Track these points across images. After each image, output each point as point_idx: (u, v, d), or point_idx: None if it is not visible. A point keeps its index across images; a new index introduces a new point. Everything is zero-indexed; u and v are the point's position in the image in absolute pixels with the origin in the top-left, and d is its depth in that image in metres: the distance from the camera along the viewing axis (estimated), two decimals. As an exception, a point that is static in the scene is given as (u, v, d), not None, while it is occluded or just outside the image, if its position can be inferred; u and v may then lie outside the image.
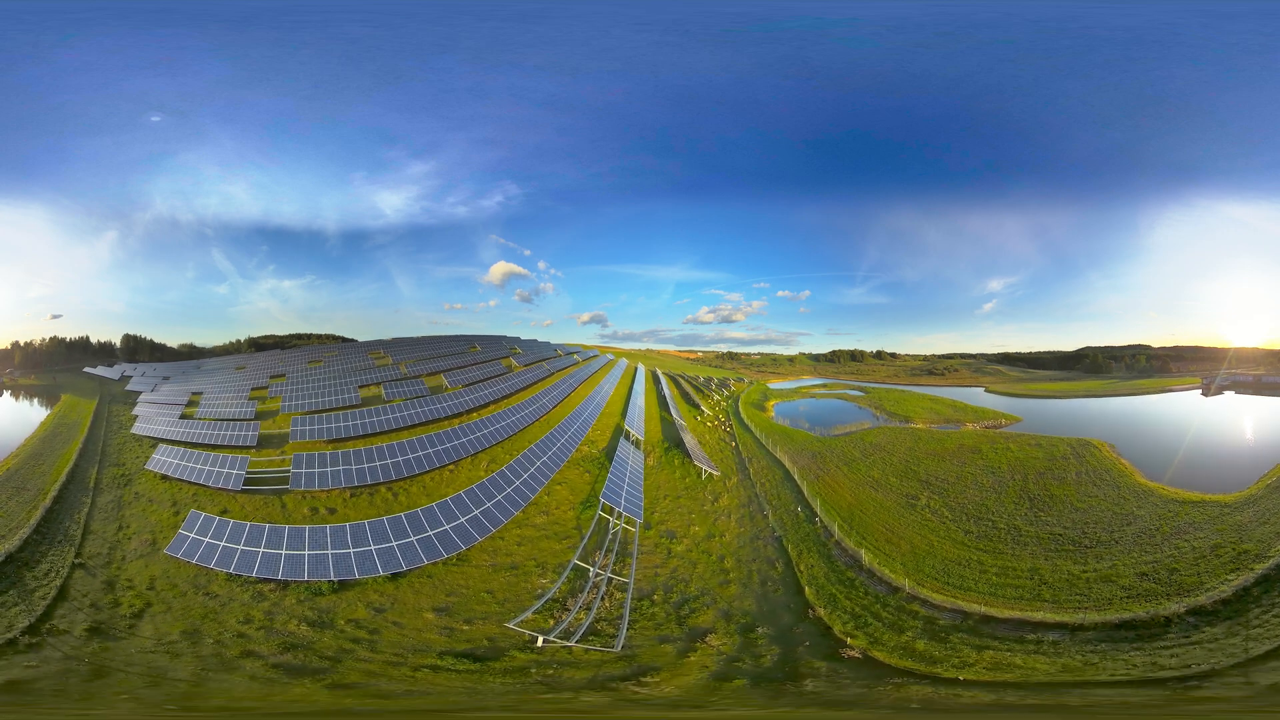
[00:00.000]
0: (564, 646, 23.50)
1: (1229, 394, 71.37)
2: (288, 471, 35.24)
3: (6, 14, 59.30)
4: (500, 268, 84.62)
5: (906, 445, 55.94)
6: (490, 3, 61.21)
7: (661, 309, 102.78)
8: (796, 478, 48.41)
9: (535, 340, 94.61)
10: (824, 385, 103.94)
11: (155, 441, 45.18)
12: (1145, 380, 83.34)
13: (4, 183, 62.94)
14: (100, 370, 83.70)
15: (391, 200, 76.44)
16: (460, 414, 55.33)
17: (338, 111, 66.14)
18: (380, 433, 47.47)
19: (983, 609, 26.20)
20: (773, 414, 78.63)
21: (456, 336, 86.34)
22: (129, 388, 72.08)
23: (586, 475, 45.77)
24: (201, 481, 34.88)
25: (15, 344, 75.28)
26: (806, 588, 31.47)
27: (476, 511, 33.04)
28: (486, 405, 59.12)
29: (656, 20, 61.09)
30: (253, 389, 65.88)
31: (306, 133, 67.79)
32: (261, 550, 25.43)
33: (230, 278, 77.87)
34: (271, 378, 71.09)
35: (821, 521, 39.96)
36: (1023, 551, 32.13)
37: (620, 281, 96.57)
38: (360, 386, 62.09)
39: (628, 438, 55.84)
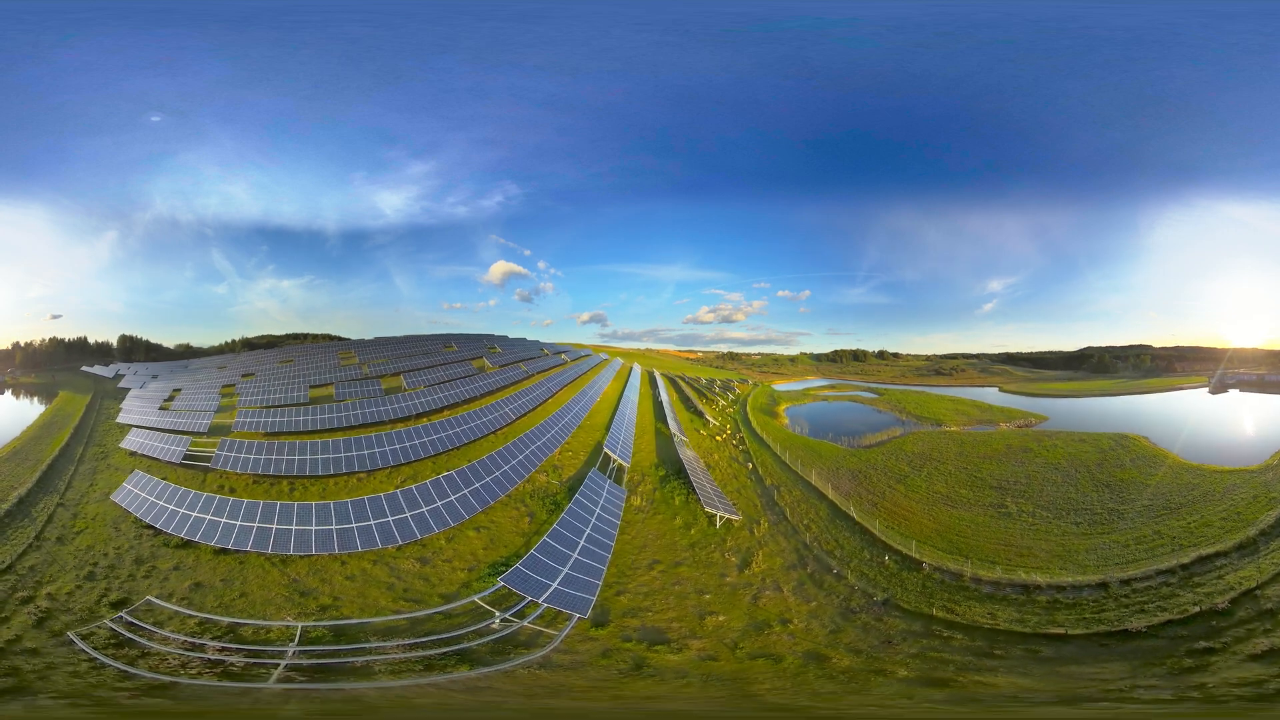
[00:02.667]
0: None
1: (1234, 392, 73.30)
2: (213, 453, 41.61)
3: (6, 14, 60.74)
4: (500, 267, 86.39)
5: (954, 451, 53.66)
6: (490, 3, 62.79)
7: (662, 309, 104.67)
8: (854, 513, 39.19)
9: (523, 339, 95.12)
10: (832, 387, 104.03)
11: (131, 427, 52.92)
12: (1153, 379, 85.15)
13: (4, 183, 64.76)
14: (97, 369, 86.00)
15: (391, 200, 78.26)
16: (404, 418, 51.72)
17: (338, 111, 67.88)
18: (314, 430, 48.95)
19: (1177, 561, 30.75)
20: (786, 421, 74.41)
21: (434, 335, 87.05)
22: (121, 385, 75.71)
23: (526, 522, 34.48)
24: (155, 456, 44.24)
25: (16, 344, 77.78)
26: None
27: (335, 526, 30.10)
28: (440, 410, 54.73)
29: (656, 20, 62.59)
30: (223, 386, 69.06)
31: (306, 133, 69.59)
32: (159, 502, 33.47)
33: (229, 277, 79.78)
34: (243, 376, 73.80)
35: (928, 563, 32.67)
36: (1135, 524, 36.97)
37: (620, 281, 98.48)
38: (312, 386, 64.12)
39: (605, 466, 44.86)
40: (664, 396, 75.05)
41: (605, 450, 47.55)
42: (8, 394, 73.19)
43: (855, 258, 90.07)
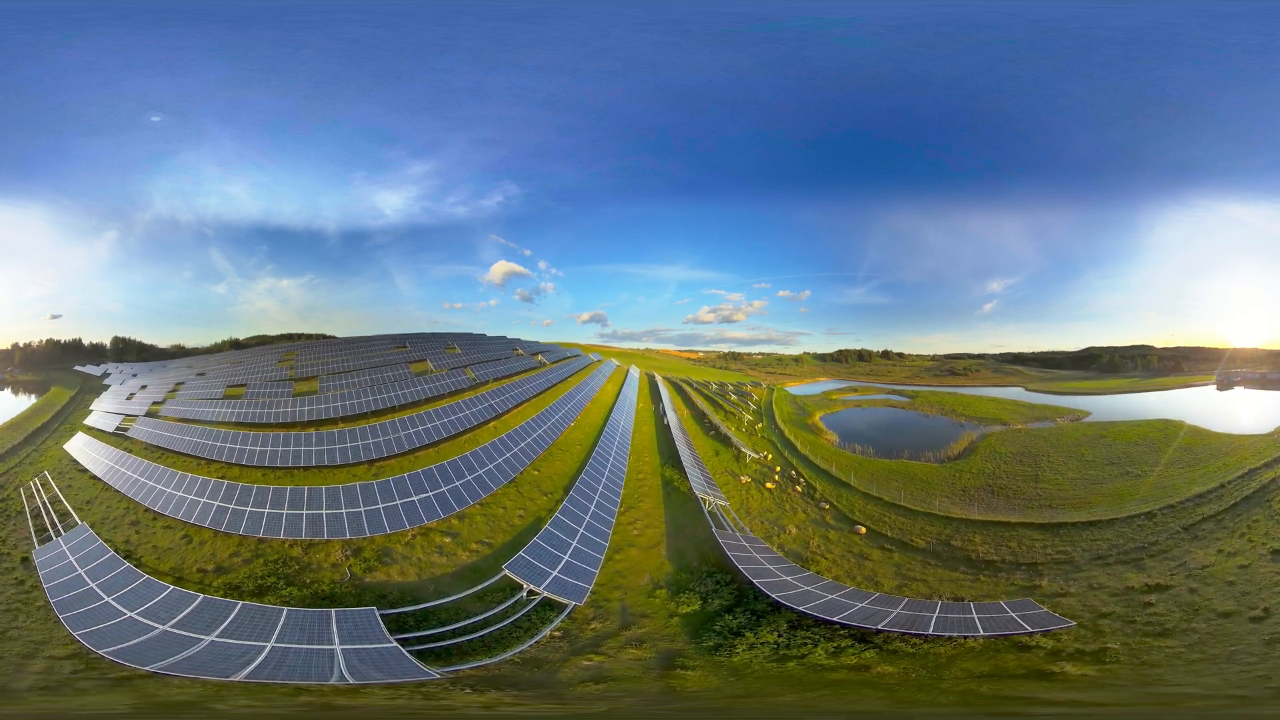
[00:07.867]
0: None
1: (1239, 388, 76.88)
2: (130, 427, 61.47)
3: (6, 14, 63.45)
4: (501, 267, 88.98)
5: (1045, 445, 60.77)
6: (490, 3, 65.55)
7: (662, 309, 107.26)
8: (1067, 519, 43.15)
9: (502, 337, 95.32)
10: (852, 389, 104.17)
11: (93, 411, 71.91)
12: (1164, 378, 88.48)
13: (4, 183, 67.51)
14: (88, 369, 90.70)
15: (391, 200, 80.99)
16: (287, 424, 54.33)
17: (338, 111, 70.60)
18: (207, 420, 60.62)
19: (1241, 473, 47.84)
20: (835, 437, 68.73)
21: (388, 335, 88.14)
22: (106, 382, 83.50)
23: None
24: (102, 428, 62.84)
25: (15, 345, 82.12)
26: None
27: (145, 480, 45.33)
28: (335, 420, 54.08)
29: (656, 20, 65.32)
30: (178, 382, 77.21)
31: (306, 133, 72.27)
32: (88, 451, 54.37)
33: (229, 277, 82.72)
34: (197, 374, 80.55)
35: (1156, 509, 43.77)
36: (1209, 463, 52.42)
37: (621, 281, 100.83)
38: (230, 385, 72.12)
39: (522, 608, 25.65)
40: (671, 416, 63.51)
41: (532, 590, 24.85)
42: (6, 391, 79.51)
43: (855, 258, 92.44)
